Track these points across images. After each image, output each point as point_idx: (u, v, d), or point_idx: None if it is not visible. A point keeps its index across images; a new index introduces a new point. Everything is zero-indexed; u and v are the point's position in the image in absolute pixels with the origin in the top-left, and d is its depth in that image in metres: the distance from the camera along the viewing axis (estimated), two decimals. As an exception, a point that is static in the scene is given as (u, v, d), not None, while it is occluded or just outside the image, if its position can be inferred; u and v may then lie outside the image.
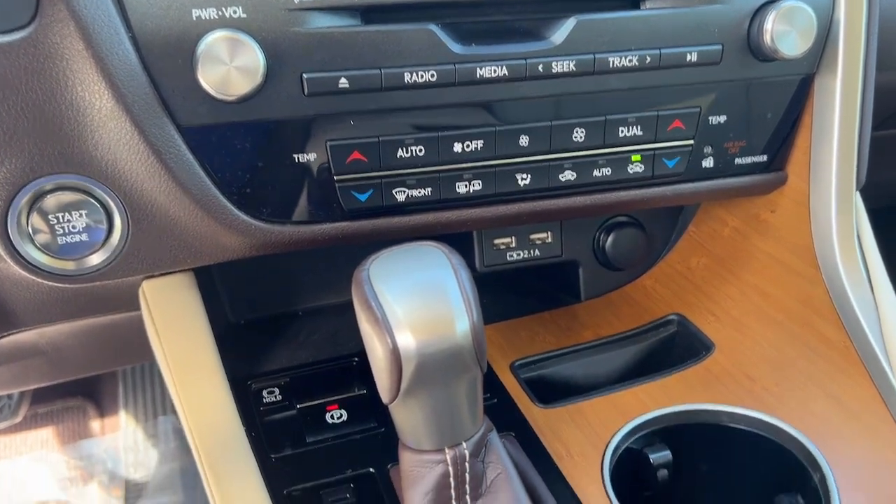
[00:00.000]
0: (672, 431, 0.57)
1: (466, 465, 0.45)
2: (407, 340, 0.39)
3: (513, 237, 0.66)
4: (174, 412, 1.24)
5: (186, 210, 0.48)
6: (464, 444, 0.44)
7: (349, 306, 0.70)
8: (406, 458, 0.45)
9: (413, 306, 0.40)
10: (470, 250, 0.66)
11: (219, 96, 0.45)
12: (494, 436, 0.47)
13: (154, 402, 1.22)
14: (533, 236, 0.66)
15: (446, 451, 0.44)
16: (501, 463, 0.47)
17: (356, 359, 0.63)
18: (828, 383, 0.55)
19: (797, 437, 0.53)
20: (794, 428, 0.53)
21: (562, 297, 0.71)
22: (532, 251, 0.67)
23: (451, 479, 0.45)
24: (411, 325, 0.40)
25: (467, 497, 0.45)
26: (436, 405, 0.43)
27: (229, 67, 0.44)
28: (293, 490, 0.51)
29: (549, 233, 0.66)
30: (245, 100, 0.45)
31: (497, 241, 0.66)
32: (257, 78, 0.45)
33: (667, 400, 0.58)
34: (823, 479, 0.50)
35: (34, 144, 0.44)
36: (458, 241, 0.55)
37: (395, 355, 0.40)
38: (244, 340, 0.65)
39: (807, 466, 0.52)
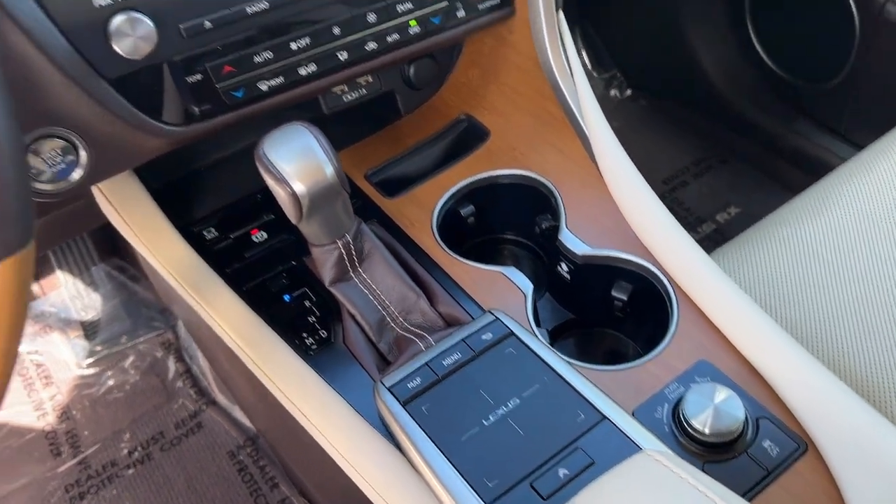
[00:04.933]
0: (472, 193, 0.87)
1: (350, 246, 0.74)
2: (299, 187, 0.66)
3: (345, 85, 0.91)
4: (102, 261, 1.48)
5: (124, 130, 0.70)
6: (346, 236, 0.73)
7: (234, 158, 0.94)
8: (314, 251, 0.74)
9: (297, 165, 0.66)
10: (316, 100, 0.91)
11: (131, 57, 0.66)
12: (363, 225, 0.76)
13: (83, 258, 1.44)
14: (359, 80, 0.92)
15: (337, 241, 0.74)
16: (371, 240, 0.77)
17: (259, 195, 0.89)
18: (555, 142, 0.87)
19: (541, 178, 0.85)
20: (538, 174, 0.86)
21: (388, 117, 0.98)
22: (360, 91, 0.92)
23: (344, 256, 0.75)
24: (298, 177, 0.66)
25: (356, 263, 0.76)
26: (325, 218, 0.70)
27: (134, 38, 0.65)
28: (248, 287, 0.80)
29: (370, 76, 0.92)
30: (149, 55, 0.67)
31: (334, 90, 0.91)
32: (154, 40, 0.66)
33: (467, 173, 0.88)
34: (557, 201, 0.85)
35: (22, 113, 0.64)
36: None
37: (294, 197, 0.66)
38: (169, 199, 0.88)
39: (548, 196, 0.85)
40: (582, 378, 0.63)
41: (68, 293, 1.45)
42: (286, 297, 0.78)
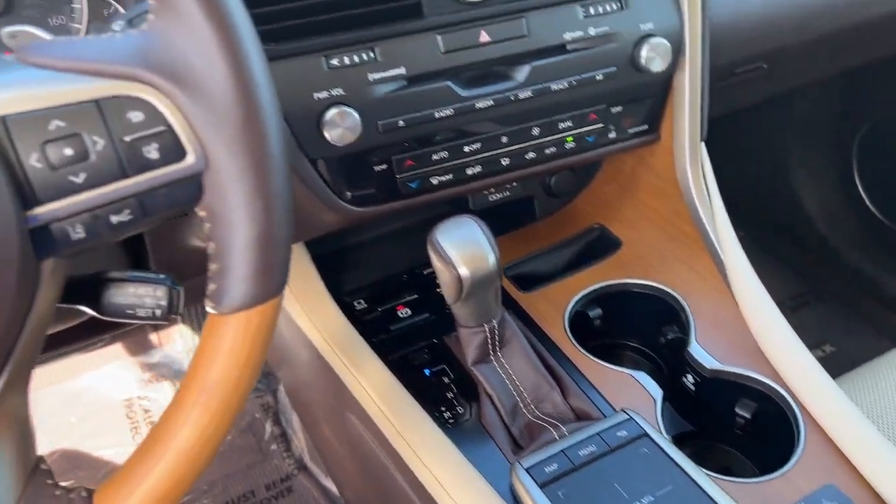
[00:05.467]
0: (601, 297, 0.93)
1: (495, 331, 0.80)
2: (463, 271, 0.73)
3: (493, 186, 1.00)
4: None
5: (313, 205, 0.79)
6: (493, 321, 0.80)
7: (384, 238, 1.03)
8: (462, 332, 0.80)
9: (464, 251, 0.74)
10: (465, 197, 1.00)
11: (336, 144, 0.76)
12: (506, 314, 0.83)
13: (202, 315, 1.54)
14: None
15: (485, 325, 0.80)
16: (511, 329, 0.83)
17: (405, 275, 0.97)
18: (686, 259, 0.92)
19: (671, 291, 0.90)
20: (668, 286, 0.91)
21: (524, 218, 1.06)
22: (504, 193, 1.01)
23: (488, 340, 0.81)
24: (465, 262, 0.73)
25: (497, 348, 0.81)
26: (478, 303, 0.77)
27: (342, 128, 0.74)
28: (392, 357, 0.86)
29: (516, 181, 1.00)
30: (350, 144, 0.77)
31: (483, 190, 1.00)
32: (358, 132, 0.75)
33: (597, 278, 0.95)
34: (686, 314, 0.89)
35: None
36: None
37: (458, 280, 0.74)
38: (326, 268, 0.96)
39: (677, 308, 0.90)
40: (714, 485, 0.66)
41: (185, 346, 1.55)
42: (426, 371, 0.84)
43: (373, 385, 0.81)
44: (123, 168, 0.45)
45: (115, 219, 0.46)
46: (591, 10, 0.83)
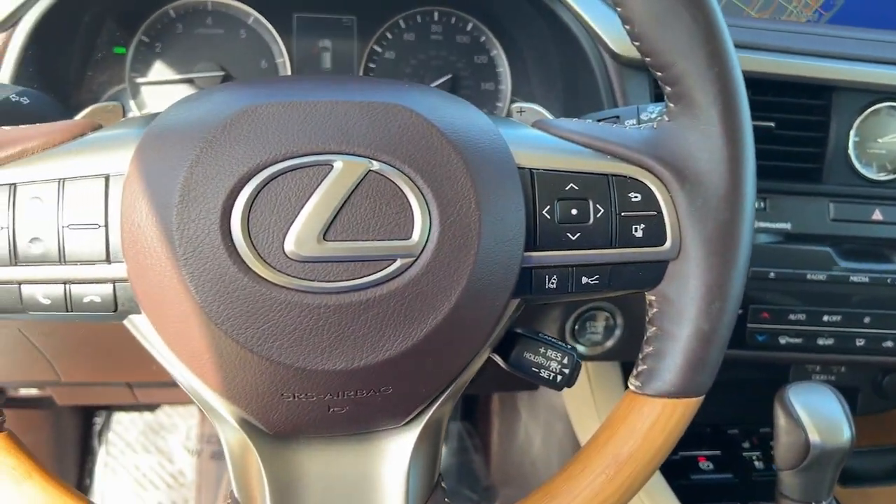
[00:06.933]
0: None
1: (821, 515, 0.75)
2: (814, 438, 0.70)
3: (818, 365, 0.96)
4: (462, 419, 1.61)
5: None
6: (823, 503, 0.75)
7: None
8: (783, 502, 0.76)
9: (819, 418, 0.71)
10: (786, 369, 0.96)
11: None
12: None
13: (449, 410, 1.59)
14: (834, 366, 0.96)
15: (813, 502, 0.75)
16: (835, 517, 0.77)
17: (708, 428, 0.95)
18: None
19: None
20: None
21: (841, 409, 1.00)
22: (830, 376, 0.97)
23: (812, 521, 0.75)
24: (817, 429, 0.70)
25: (817, 532, 0.75)
26: (816, 477, 0.73)
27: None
28: (691, 506, 0.83)
29: (845, 367, 0.96)
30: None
31: (807, 365, 0.96)
32: None
33: (925, 498, 0.86)
34: None
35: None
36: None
37: (805, 446, 0.70)
38: None
39: None
40: None
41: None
42: (731, 534, 0.79)
43: (672, 527, 0.78)
44: (611, 238, 0.49)
45: (584, 280, 0.50)
46: None
